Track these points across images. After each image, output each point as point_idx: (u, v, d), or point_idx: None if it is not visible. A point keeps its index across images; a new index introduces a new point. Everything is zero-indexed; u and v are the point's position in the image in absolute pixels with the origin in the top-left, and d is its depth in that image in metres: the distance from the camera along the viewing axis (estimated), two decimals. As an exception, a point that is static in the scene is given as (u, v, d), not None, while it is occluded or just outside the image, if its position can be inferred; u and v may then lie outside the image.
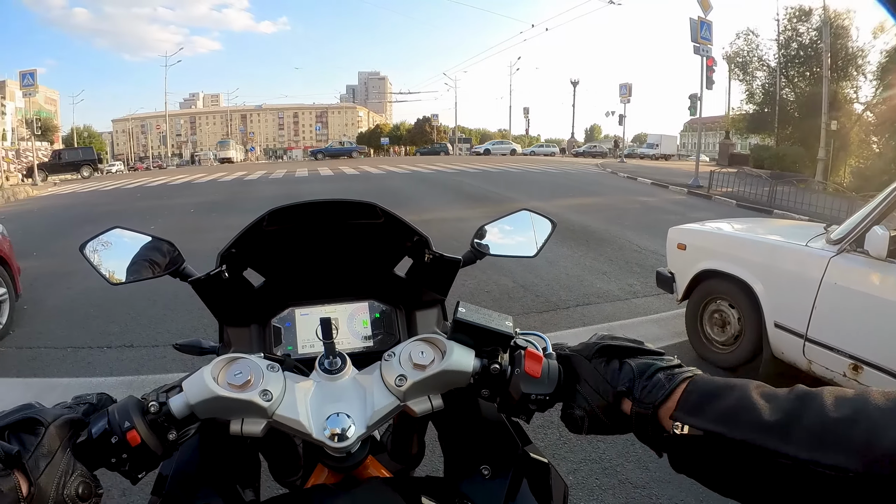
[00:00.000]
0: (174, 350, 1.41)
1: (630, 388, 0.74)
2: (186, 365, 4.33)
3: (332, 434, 0.77)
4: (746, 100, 31.42)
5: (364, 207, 1.16)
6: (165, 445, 0.77)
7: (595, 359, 0.80)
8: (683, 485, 2.88)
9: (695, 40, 20.05)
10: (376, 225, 1.18)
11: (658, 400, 0.70)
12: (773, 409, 0.61)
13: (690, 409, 0.67)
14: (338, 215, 1.18)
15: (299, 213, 1.15)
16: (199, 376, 0.78)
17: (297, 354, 1.17)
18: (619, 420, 0.76)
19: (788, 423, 0.59)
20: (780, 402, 0.61)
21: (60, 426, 0.72)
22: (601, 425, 0.78)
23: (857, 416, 0.56)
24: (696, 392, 0.68)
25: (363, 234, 1.21)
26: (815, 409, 0.58)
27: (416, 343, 0.86)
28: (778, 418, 0.59)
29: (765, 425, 0.60)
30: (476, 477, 0.94)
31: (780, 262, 3.84)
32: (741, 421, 0.62)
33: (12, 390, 4.14)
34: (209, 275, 1.09)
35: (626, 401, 0.74)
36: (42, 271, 7.62)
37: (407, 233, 1.19)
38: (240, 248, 1.13)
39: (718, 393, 0.66)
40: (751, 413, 0.61)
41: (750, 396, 0.63)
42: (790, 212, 13.46)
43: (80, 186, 27.39)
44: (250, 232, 1.12)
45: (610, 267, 7.59)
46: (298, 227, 1.18)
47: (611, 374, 0.77)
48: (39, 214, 15.67)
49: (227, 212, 14.03)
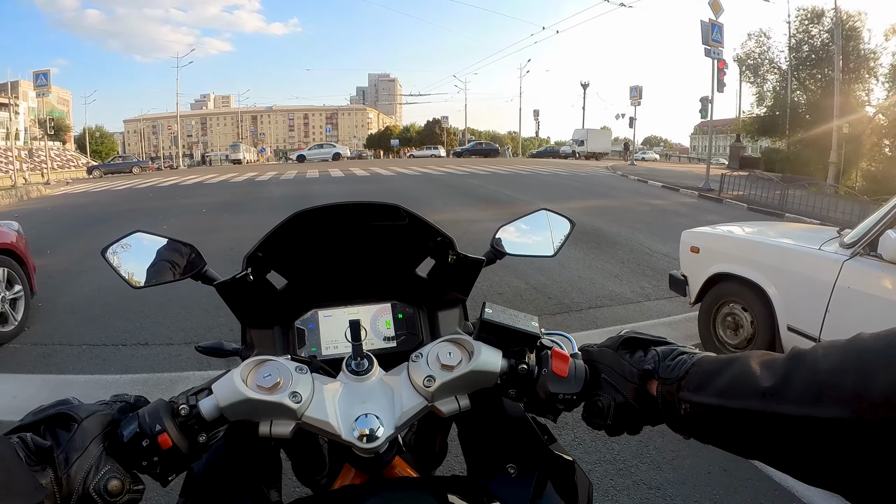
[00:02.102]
0: (188, 348, 1.44)
1: (655, 369, 0.77)
2: (201, 364, 4.42)
3: (361, 435, 0.78)
4: (757, 102, 31.29)
5: (388, 209, 1.17)
6: (195, 447, 0.78)
7: (621, 349, 0.83)
8: (698, 485, 2.91)
9: (706, 43, 19.90)
10: (399, 226, 1.19)
11: (680, 375, 0.73)
12: (769, 374, 0.63)
13: (695, 387, 0.71)
14: (362, 217, 1.19)
15: (324, 216, 1.17)
16: (228, 379, 0.79)
17: (322, 356, 1.18)
18: (645, 403, 0.78)
19: (783, 384, 0.61)
20: (775, 366, 0.64)
21: (93, 423, 0.73)
22: (628, 411, 0.79)
23: (846, 364, 0.58)
24: (700, 371, 0.72)
25: (386, 236, 1.22)
26: (807, 366, 0.61)
27: (443, 344, 0.87)
28: (773, 382, 0.62)
29: (761, 390, 0.63)
30: (502, 475, 0.94)
31: (794, 266, 3.86)
32: (739, 391, 0.65)
33: (29, 386, 4.20)
34: (234, 278, 1.10)
35: (652, 381, 0.77)
36: (56, 269, 7.68)
37: (430, 234, 1.20)
38: (264, 250, 1.14)
39: (720, 369, 0.69)
40: (748, 381, 0.64)
41: (749, 366, 0.66)
42: (802, 215, 13.35)
43: (92, 186, 27.51)
44: (276, 234, 1.13)
45: (621, 269, 7.59)
46: (322, 230, 1.19)
47: (636, 360, 0.80)
48: (53, 213, 15.75)
49: (239, 212, 14.09)
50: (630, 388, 0.79)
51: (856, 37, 25.23)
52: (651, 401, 0.77)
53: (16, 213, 14.40)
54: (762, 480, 2.94)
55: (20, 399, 3.96)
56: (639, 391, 0.78)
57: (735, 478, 2.97)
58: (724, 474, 2.99)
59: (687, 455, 3.12)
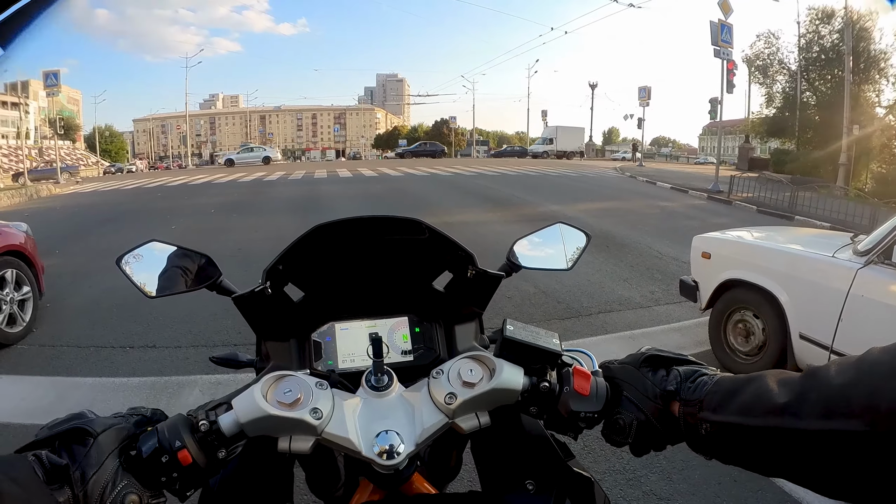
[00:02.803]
0: (196, 351, 1.43)
1: (677, 390, 0.77)
2: (209, 367, 4.37)
3: (382, 451, 0.78)
4: (766, 103, 31.21)
5: (409, 223, 1.17)
6: (214, 463, 0.78)
7: (643, 367, 0.83)
8: (708, 496, 2.90)
9: (715, 43, 19.83)
10: (418, 240, 1.19)
11: (702, 396, 0.73)
12: (786, 391, 0.65)
13: (715, 407, 0.71)
14: (381, 231, 1.19)
15: (343, 229, 1.16)
16: (249, 395, 0.79)
17: (339, 369, 1.16)
18: (667, 423, 0.78)
19: (800, 400, 0.63)
20: (792, 384, 0.66)
21: (109, 437, 0.73)
22: (650, 431, 0.79)
23: (858, 379, 0.60)
24: (720, 391, 0.72)
25: (404, 250, 1.21)
26: (822, 382, 0.62)
27: (464, 361, 0.87)
28: (789, 398, 0.64)
29: (778, 407, 0.64)
30: (521, 492, 0.94)
31: (807, 273, 3.83)
32: (757, 408, 0.66)
33: (37, 388, 4.21)
34: (253, 291, 1.10)
35: (674, 402, 0.77)
36: (64, 270, 7.70)
37: (450, 248, 1.20)
38: (283, 263, 1.14)
39: (738, 388, 0.70)
40: (766, 399, 0.66)
41: (766, 384, 0.67)
42: (812, 218, 13.34)
43: (101, 185, 27.67)
44: (295, 247, 1.13)
45: (631, 273, 7.57)
46: (341, 243, 1.18)
47: (658, 379, 0.80)
48: (62, 213, 15.84)
49: (248, 212, 14.15)
50: (652, 407, 0.79)
51: (866, 37, 25.13)
52: (673, 421, 0.78)
53: (25, 212, 14.50)
54: (773, 492, 2.92)
55: (28, 401, 3.97)
56: (661, 411, 0.78)
57: (745, 489, 2.94)
58: (734, 485, 2.96)
59: (697, 466, 3.09)
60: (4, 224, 5.56)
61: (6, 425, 3.50)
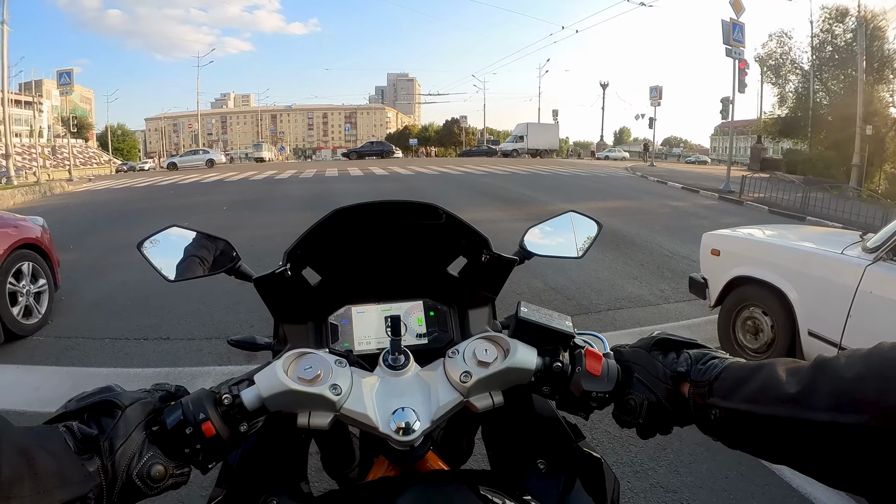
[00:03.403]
0: (208, 343, 1.44)
1: (688, 371, 0.79)
2: (222, 358, 4.52)
3: (398, 428, 0.79)
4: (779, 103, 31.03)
5: (426, 208, 1.19)
6: (237, 436, 0.79)
7: (654, 350, 0.84)
8: (715, 489, 2.91)
9: (727, 43, 19.72)
10: (434, 225, 1.21)
11: (712, 378, 0.75)
12: (795, 382, 0.66)
13: (725, 393, 0.73)
14: (399, 215, 1.20)
15: (363, 213, 1.17)
16: (271, 370, 0.80)
17: (355, 351, 1.17)
18: (677, 404, 0.80)
19: (808, 391, 0.64)
20: (801, 374, 0.66)
21: (136, 410, 0.74)
22: (660, 411, 0.81)
23: (867, 373, 0.61)
24: (730, 377, 0.74)
25: (420, 234, 1.24)
26: (831, 373, 0.63)
27: (479, 341, 0.88)
28: (798, 389, 0.65)
29: (787, 397, 0.65)
30: (532, 471, 0.95)
31: (816, 270, 3.83)
32: (767, 397, 0.67)
33: (52, 378, 4.28)
34: (274, 273, 1.11)
35: (685, 383, 0.79)
36: (79, 264, 7.78)
37: (465, 233, 1.21)
38: (303, 247, 1.15)
39: (748, 376, 0.72)
40: (775, 388, 0.67)
41: (775, 374, 0.68)
42: (823, 219, 13.28)
43: (114, 183, 27.81)
44: (316, 231, 1.14)
45: (641, 271, 7.57)
46: (359, 227, 1.20)
47: (668, 361, 0.82)
48: (75, 210, 15.96)
49: (259, 210, 14.21)
50: (662, 388, 0.80)
51: (880, 36, 24.95)
52: (683, 402, 0.79)
53: (38, 208, 14.57)
54: (779, 486, 2.93)
55: (43, 390, 4.04)
56: (671, 392, 0.80)
57: (752, 483, 2.96)
58: (741, 479, 2.98)
59: (704, 459, 3.11)
60: (21, 218, 5.65)
61: (22, 413, 3.56)
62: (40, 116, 61.02)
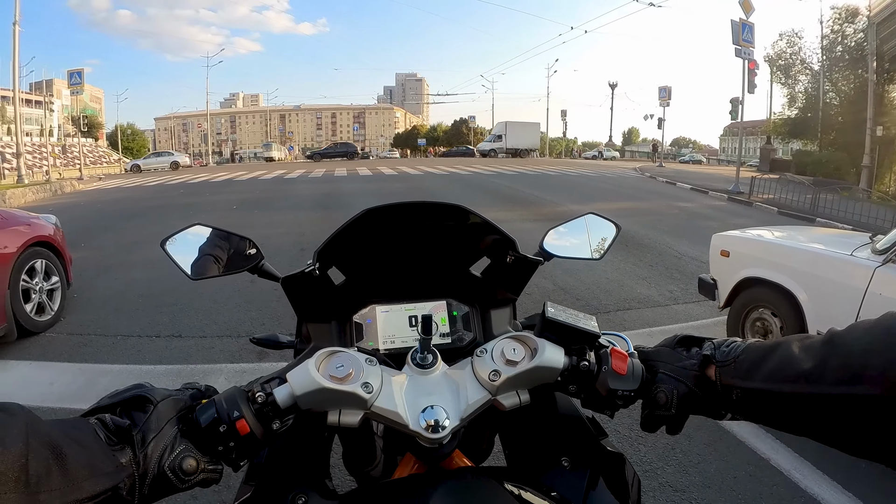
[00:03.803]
0: (220, 341, 1.44)
1: (713, 354, 0.81)
2: (234, 356, 4.56)
3: (428, 425, 0.81)
4: (788, 104, 30.83)
5: (453, 210, 1.19)
6: (269, 434, 0.80)
7: (677, 347, 0.87)
8: (724, 489, 2.92)
9: (736, 43, 19.60)
10: (460, 226, 1.21)
11: (736, 355, 0.78)
12: (808, 358, 0.69)
13: (744, 374, 0.76)
14: (425, 216, 1.21)
15: (391, 214, 1.18)
16: (303, 368, 0.81)
17: (380, 350, 1.19)
18: (706, 388, 0.81)
19: (821, 367, 0.67)
20: (814, 350, 0.70)
21: (168, 406, 0.76)
22: (691, 399, 0.82)
23: (875, 345, 0.64)
24: (748, 360, 0.77)
25: (445, 235, 1.24)
26: (841, 347, 0.67)
27: (506, 340, 0.89)
28: (812, 365, 0.68)
29: (802, 374, 0.69)
30: (557, 468, 0.96)
31: (825, 271, 3.83)
32: (783, 375, 0.71)
33: (65, 374, 4.33)
34: (303, 272, 1.12)
35: (711, 366, 0.81)
36: (90, 262, 7.85)
37: (491, 234, 1.22)
38: (332, 246, 1.16)
39: (764, 356, 0.75)
40: (791, 366, 0.71)
41: (790, 351, 0.72)
42: (833, 220, 13.22)
43: (124, 181, 27.91)
44: (345, 231, 1.14)
45: (650, 272, 7.56)
46: (386, 227, 1.21)
47: (693, 353, 0.84)
48: (86, 208, 16.03)
49: (269, 209, 14.27)
50: (690, 375, 0.82)
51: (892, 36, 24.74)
52: (710, 386, 0.81)
53: (49, 207, 14.65)
54: (787, 487, 2.94)
55: (57, 386, 4.09)
56: (699, 377, 0.82)
57: (760, 483, 2.97)
58: (749, 479, 2.99)
59: (713, 459, 3.12)
60: (34, 216, 5.70)
61: (36, 409, 3.53)
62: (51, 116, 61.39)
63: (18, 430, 0.57)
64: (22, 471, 0.55)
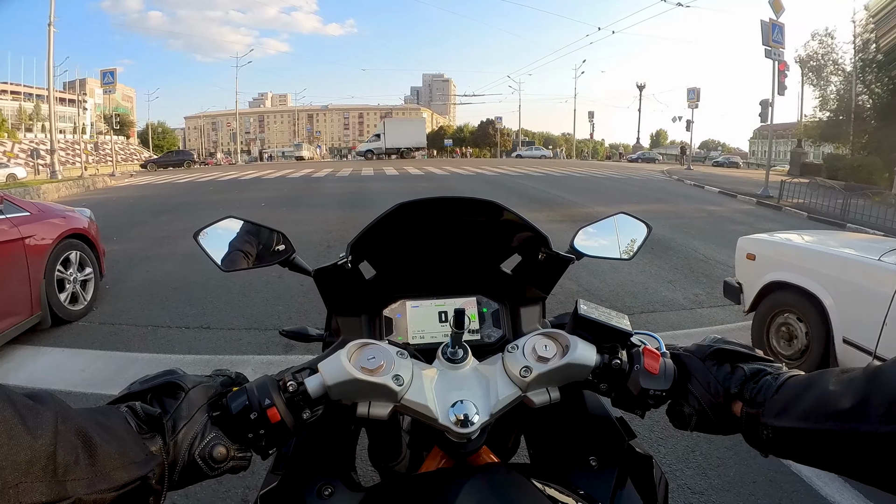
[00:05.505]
0: (248, 333, 1.45)
1: (741, 391, 0.79)
2: (261, 348, 4.66)
3: (457, 420, 0.81)
4: (820, 106, 30.28)
5: (486, 205, 1.18)
6: (299, 423, 0.81)
7: (708, 360, 0.85)
8: (742, 493, 2.90)
9: (766, 44, 19.25)
10: (491, 222, 1.21)
11: (765, 399, 0.75)
12: (849, 395, 0.65)
13: (778, 412, 0.73)
14: (458, 212, 1.21)
15: (423, 209, 1.18)
16: (335, 359, 0.81)
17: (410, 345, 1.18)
18: (727, 420, 0.81)
19: (863, 405, 0.63)
20: (854, 386, 0.66)
21: (199, 393, 0.76)
22: (709, 424, 0.82)
23: None
24: (782, 398, 0.74)
25: (476, 231, 1.24)
26: (884, 384, 0.63)
27: (538, 337, 0.89)
28: (854, 402, 0.64)
29: (843, 412, 0.65)
30: (584, 467, 0.96)
31: (852, 276, 3.78)
32: (820, 413, 0.67)
33: (97, 361, 4.47)
34: (336, 265, 1.12)
35: (737, 402, 0.79)
36: (122, 255, 8.06)
37: (523, 231, 1.22)
38: (365, 240, 1.16)
39: (801, 392, 0.72)
40: (829, 404, 0.66)
41: (828, 388, 0.68)
42: (864, 226, 12.90)
43: (154, 178, 28.40)
44: (378, 225, 1.15)
45: (675, 275, 7.51)
46: (418, 222, 1.21)
47: (723, 375, 0.82)
48: (117, 203, 16.39)
49: (296, 207, 14.44)
50: (714, 403, 0.81)
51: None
52: (734, 420, 0.80)
53: (82, 202, 14.93)
54: (807, 493, 2.92)
55: (88, 372, 4.25)
56: (722, 408, 0.81)
57: (780, 489, 2.95)
58: (769, 484, 2.98)
59: (733, 463, 3.11)
60: (70, 209, 5.90)
61: (68, 393, 3.73)
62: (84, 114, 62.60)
63: (48, 419, 0.57)
64: (50, 459, 0.55)
